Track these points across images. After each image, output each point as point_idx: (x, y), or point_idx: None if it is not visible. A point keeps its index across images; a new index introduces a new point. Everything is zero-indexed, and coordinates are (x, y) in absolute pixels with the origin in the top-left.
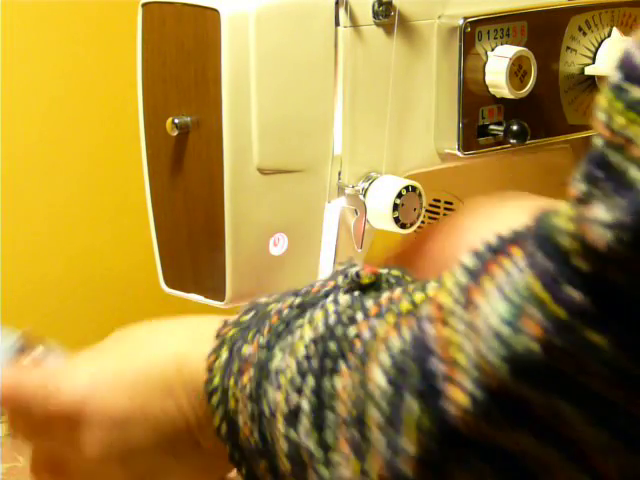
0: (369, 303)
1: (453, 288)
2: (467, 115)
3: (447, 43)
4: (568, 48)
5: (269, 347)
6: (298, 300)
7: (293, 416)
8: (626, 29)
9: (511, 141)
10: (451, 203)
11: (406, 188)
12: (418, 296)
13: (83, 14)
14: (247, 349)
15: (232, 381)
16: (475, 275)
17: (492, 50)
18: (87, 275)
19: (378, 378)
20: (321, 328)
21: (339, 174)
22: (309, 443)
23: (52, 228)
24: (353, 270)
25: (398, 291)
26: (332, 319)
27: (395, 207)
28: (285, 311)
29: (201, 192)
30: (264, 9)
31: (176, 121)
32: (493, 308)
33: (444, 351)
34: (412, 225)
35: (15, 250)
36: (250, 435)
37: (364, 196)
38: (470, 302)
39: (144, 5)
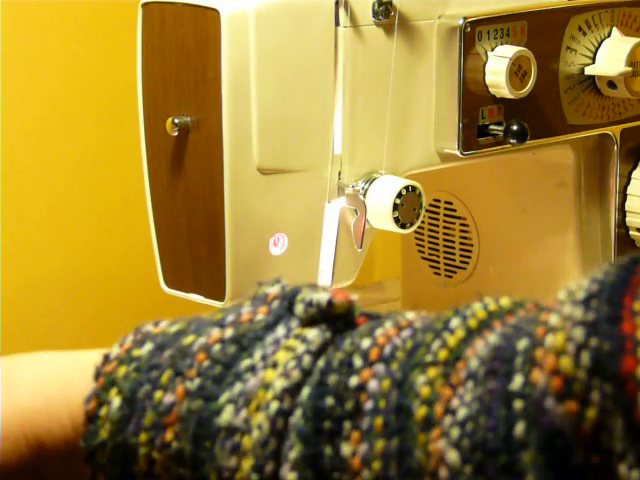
0: (365, 342)
1: (574, 350)
2: (467, 115)
3: (447, 43)
4: (568, 48)
5: (206, 396)
6: (229, 333)
7: None
8: (626, 29)
9: (511, 141)
10: (451, 203)
11: (406, 188)
12: (451, 339)
13: (83, 14)
14: (165, 396)
15: (143, 437)
16: (611, 335)
17: (492, 50)
18: (87, 275)
19: (447, 454)
20: (295, 374)
21: (339, 174)
22: None
23: (52, 228)
24: (318, 297)
25: (390, 325)
26: (307, 362)
27: (395, 207)
28: (215, 347)
29: (201, 192)
30: (264, 9)
31: (176, 121)
32: None
33: (583, 434)
34: (412, 225)
35: (15, 250)
36: None
37: (364, 196)
38: (617, 370)
39: (144, 5)
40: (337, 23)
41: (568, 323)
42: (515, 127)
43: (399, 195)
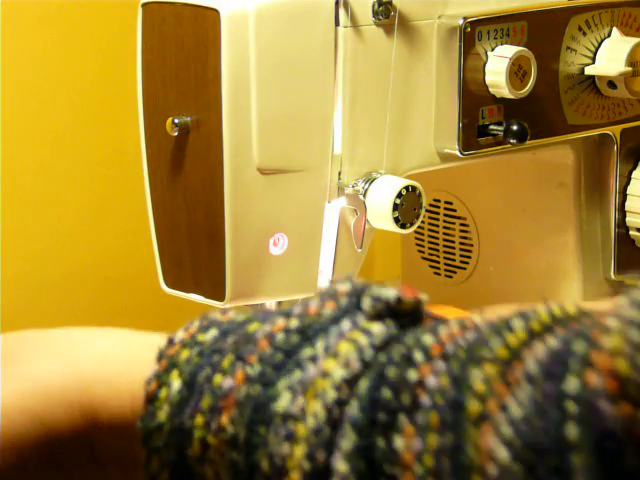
0: (427, 339)
1: (631, 351)
2: (467, 115)
3: (447, 43)
4: (568, 48)
5: (265, 382)
6: (294, 323)
7: (319, 479)
8: (626, 29)
9: (511, 141)
10: (451, 203)
11: (406, 188)
12: (512, 339)
13: (83, 14)
14: (224, 380)
15: (199, 420)
16: None
17: (492, 50)
18: (87, 275)
19: (497, 451)
20: (356, 365)
21: (339, 174)
22: None
23: (52, 228)
24: (386, 292)
25: (455, 325)
26: (369, 354)
27: (395, 207)
28: (279, 336)
29: (201, 192)
30: (264, 9)
31: (176, 121)
32: None
33: (636, 437)
34: (412, 225)
35: (15, 250)
36: None
37: (364, 196)
38: None
39: (144, 5)
40: (337, 23)
41: (625, 325)
42: (515, 127)
43: (399, 195)
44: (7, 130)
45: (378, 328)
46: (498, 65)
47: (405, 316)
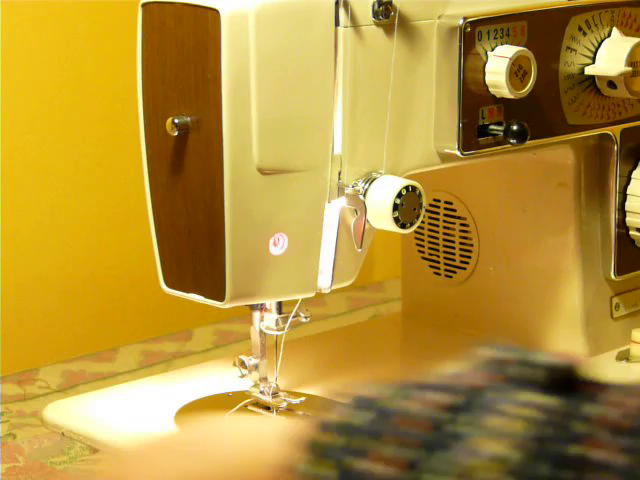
0: (591, 410)
1: None
2: (467, 115)
3: (447, 43)
4: (568, 48)
5: (428, 469)
6: (448, 399)
7: None
8: (626, 29)
9: (511, 141)
10: (451, 203)
11: (406, 188)
12: None
13: (83, 14)
14: (383, 469)
15: None
16: None
17: (492, 50)
18: (87, 275)
19: None
20: (521, 442)
21: (339, 174)
22: None
23: (52, 228)
24: (540, 359)
25: (617, 392)
26: (533, 431)
27: (395, 207)
28: (434, 414)
29: (201, 192)
30: (264, 9)
31: (176, 121)
32: None
33: None
34: (412, 225)
35: (15, 250)
36: None
37: (364, 196)
38: None
39: (144, 5)
40: (337, 23)
41: None
42: (515, 127)
43: (399, 195)
44: (7, 130)
45: (537, 399)
46: (498, 65)
47: (564, 383)
